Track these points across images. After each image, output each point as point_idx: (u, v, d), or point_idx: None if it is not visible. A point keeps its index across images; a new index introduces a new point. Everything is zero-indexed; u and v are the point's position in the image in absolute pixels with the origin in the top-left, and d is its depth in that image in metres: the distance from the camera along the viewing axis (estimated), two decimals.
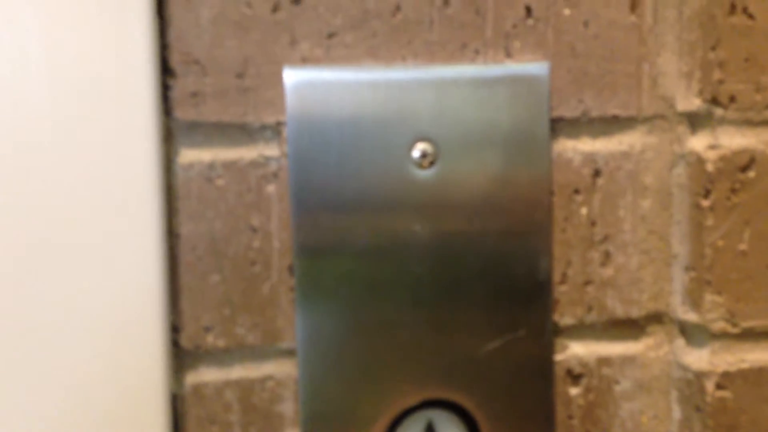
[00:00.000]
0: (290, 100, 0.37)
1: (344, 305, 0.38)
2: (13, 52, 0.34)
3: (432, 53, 0.39)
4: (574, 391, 0.42)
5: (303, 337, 0.38)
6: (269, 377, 0.38)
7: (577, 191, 0.41)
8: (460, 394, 0.40)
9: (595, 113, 0.41)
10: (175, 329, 0.37)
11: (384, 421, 0.39)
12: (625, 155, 0.41)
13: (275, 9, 0.37)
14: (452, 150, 0.39)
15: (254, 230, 0.38)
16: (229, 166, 0.37)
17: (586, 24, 0.40)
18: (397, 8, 0.38)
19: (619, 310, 0.42)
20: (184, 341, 0.38)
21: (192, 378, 0.38)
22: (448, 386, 0.40)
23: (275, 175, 0.38)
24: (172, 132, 0.37)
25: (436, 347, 0.39)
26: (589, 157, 0.41)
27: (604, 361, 0.42)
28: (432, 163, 0.39)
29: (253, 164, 0.38)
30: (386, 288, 0.39)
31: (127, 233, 0.35)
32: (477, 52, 0.39)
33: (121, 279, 0.35)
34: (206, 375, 0.38)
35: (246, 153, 0.38)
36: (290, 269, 0.38)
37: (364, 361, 0.39)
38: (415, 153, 0.38)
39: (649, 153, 0.41)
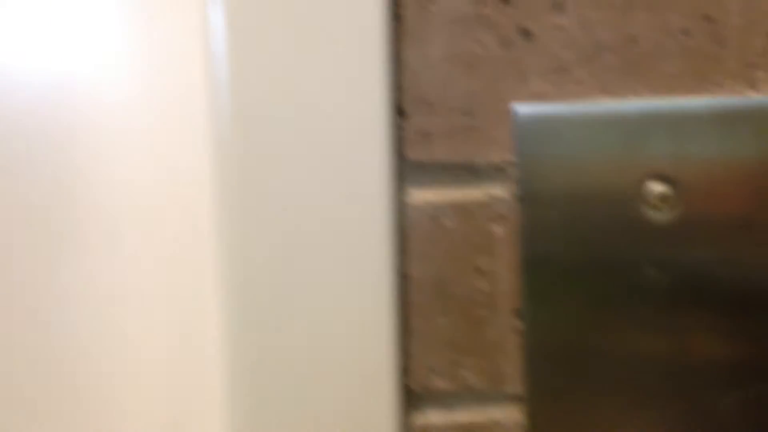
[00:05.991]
0: (519, 136, 0.36)
1: (574, 353, 0.37)
2: (259, 91, 0.35)
3: (669, 86, 0.37)
4: None
5: (531, 383, 0.37)
6: (495, 423, 0.37)
7: None
8: None
9: None
10: (403, 371, 0.37)
11: None
12: None
13: (505, 45, 0.36)
14: (692, 190, 0.36)
15: (481, 272, 0.37)
16: (457, 206, 0.37)
17: None
18: (632, 40, 0.37)
19: None
20: (413, 383, 0.37)
21: (419, 419, 0.37)
22: None
23: (503, 216, 0.37)
24: (402, 172, 0.37)
25: (670, 401, 0.37)
26: None
27: None
28: (669, 204, 0.36)
29: (481, 205, 0.37)
30: (619, 337, 0.37)
31: (361, 274, 0.35)
32: (718, 84, 0.37)
33: (355, 320, 0.35)
34: (432, 417, 0.37)
35: (473, 193, 0.37)
36: (516, 313, 0.37)
37: (593, 412, 0.37)
38: (650, 193, 0.36)
39: None
